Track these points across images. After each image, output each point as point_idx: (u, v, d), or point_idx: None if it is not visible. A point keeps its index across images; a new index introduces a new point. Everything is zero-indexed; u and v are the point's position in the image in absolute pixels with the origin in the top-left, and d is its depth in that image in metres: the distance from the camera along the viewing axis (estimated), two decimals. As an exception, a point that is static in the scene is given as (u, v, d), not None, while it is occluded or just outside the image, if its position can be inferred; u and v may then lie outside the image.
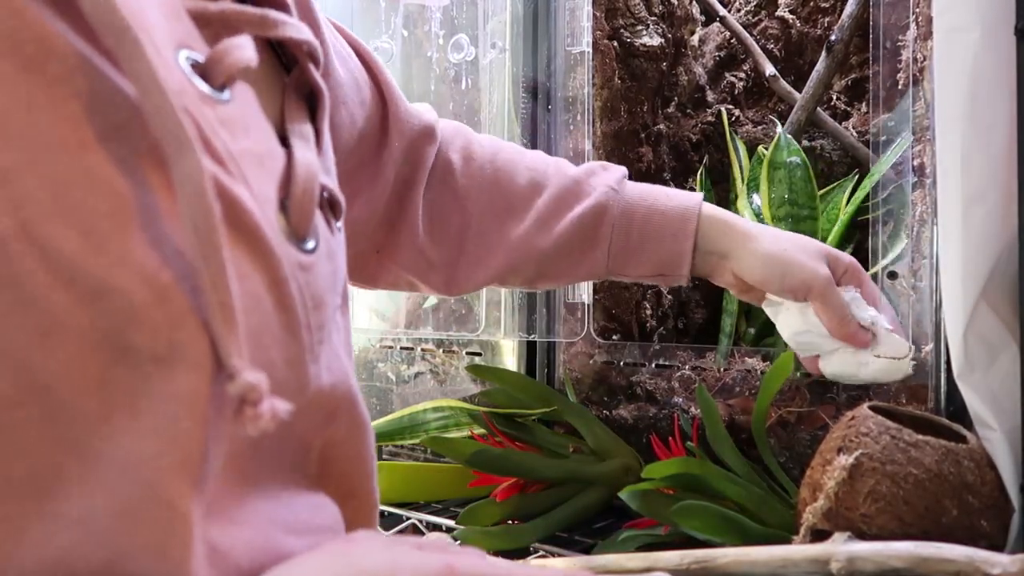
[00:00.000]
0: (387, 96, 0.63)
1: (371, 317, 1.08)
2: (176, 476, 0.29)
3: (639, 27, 0.96)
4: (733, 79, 1.05)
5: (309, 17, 0.52)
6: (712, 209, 0.67)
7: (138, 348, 0.29)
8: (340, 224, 0.42)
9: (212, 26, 0.35)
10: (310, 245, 0.36)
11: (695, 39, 1.07)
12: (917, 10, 0.69)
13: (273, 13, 0.39)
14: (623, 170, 0.70)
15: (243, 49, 0.34)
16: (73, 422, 0.28)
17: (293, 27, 0.40)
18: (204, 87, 0.33)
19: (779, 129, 0.84)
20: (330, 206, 0.41)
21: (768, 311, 0.69)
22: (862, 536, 0.52)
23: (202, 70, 0.33)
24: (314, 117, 0.42)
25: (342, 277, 0.42)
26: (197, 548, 0.29)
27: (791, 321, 0.67)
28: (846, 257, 0.67)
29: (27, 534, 0.27)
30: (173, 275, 0.29)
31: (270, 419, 0.29)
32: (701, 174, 0.95)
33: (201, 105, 0.32)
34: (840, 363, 0.66)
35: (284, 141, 0.39)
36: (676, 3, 1.01)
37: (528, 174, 0.68)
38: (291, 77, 0.42)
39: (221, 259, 0.29)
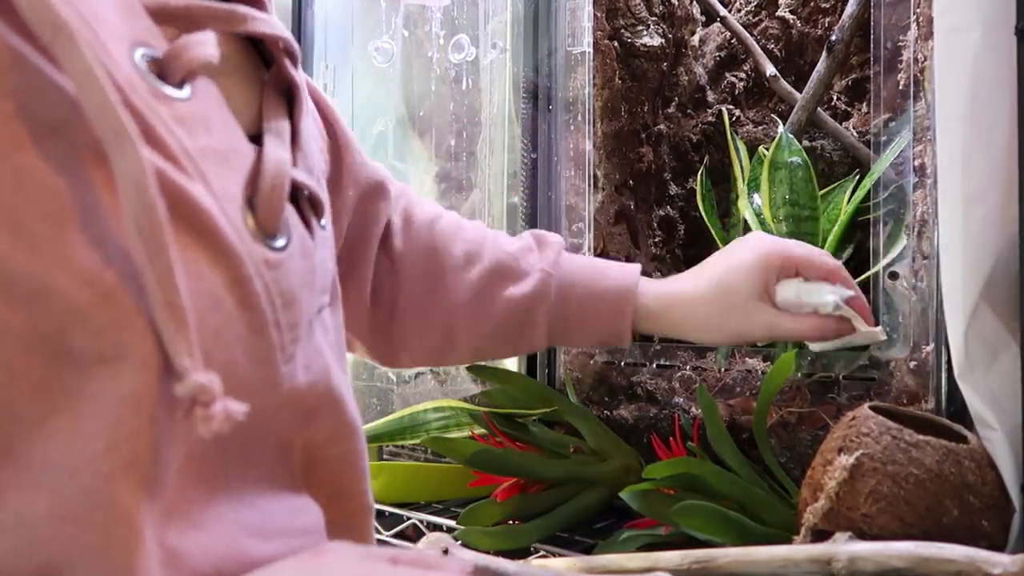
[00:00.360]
0: (342, 143, 0.61)
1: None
2: (121, 478, 0.28)
3: (640, 27, 0.96)
4: (733, 79, 1.05)
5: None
6: (648, 286, 0.66)
7: (81, 349, 0.28)
8: (324, 222, 0.42)
9: (177, 22, 0.35)
10: (279, 243, 0.35)
11: (695, 39, 1.07)
12: (918, 10, 0.69)
13: (242, 8, 0.38)
14: (560, 242, 0.68)
15: (203, 45, 0.34)
16: (7, 427, 0.28)
17: (264, 23, 0.39)
18: (159, 84, 0.32)
19: (780, 129, 0.84)
20: (311, 204, 0.40)
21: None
22: (863, 536, 0.52)
23: (160, 67, 0.33)
24: (293, 114, 0.42)
25: (326, 275, 0.41)
26: (147, 551, 0.29)
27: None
28: (795, 251, 0.65)
29: None
30: (117, 275, 0.29)
31: (223, 420, 0.28)
32: (701, 174, 0.95)
33: (154, 102, 0.31)
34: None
35: (260, 139, 0.38)
36: (676, 3, 1.01)
37: (464, 246, 0.66)
38: (270, 74, 0.42)
39: (167, 257, 0.28)
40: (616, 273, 0.67)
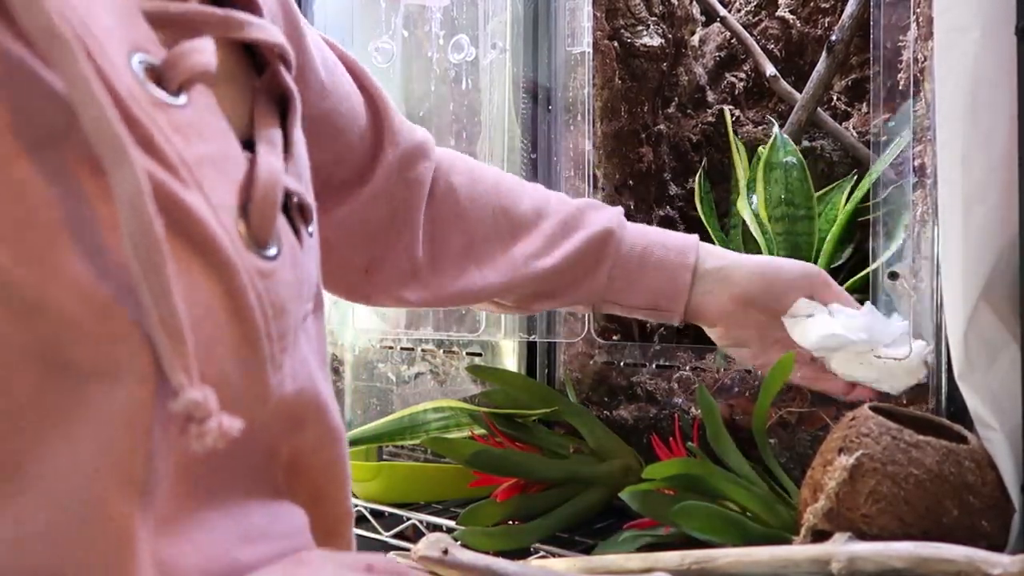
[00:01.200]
0: (380, 108, 0.62)
1: (371, 317, 1.08)
2: (117, 494, 0.28)
3: (639, 27, 0.96)
4: (733, 79, 1.05)
5: (291, 22, 0.51)
6: (708, 246, 0.70)
7: (76, 364, 0.28)
8: (312, 229, 0.41)
9: (173, 27, 0.34)
10: (271, 252, 0.35)
11: (695, 39, 1.07)
12: (918, 10, 0.69)
13: (238, 14, 0.38)
14: (621, 208, 0.72)
15: (201, 52, 0.33)
16: (10, 440, 0.28)
17: (260, 28, 0.39)
18: (157, 92, 0.32)
19: (775, 129, 0.84)
20: (300, 211, 0.40)
21: (789, 322, 0.68)
22: (863, 536, 0.52)
23: (157, 74, 0.32)
24: (285, 121, 0.41)
25: (312, 283, 0.41)
26: (143, 565, 0.29)
27: (821, 324, 0.66)
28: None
29: None
30: (112, 289, 0.28)
31: (218, 436, 0.28)
32: (700, 175, 0.95)
33: (153, 110, 0.31)
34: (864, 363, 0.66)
35: (252, 145, 0.38)
36: (676, 3, 1.01)
37: (531, 202, 0.70)
38: (262, 80, 0.41)
39: (164, 274, 0.28)
40: (678, 234, 0.71)
